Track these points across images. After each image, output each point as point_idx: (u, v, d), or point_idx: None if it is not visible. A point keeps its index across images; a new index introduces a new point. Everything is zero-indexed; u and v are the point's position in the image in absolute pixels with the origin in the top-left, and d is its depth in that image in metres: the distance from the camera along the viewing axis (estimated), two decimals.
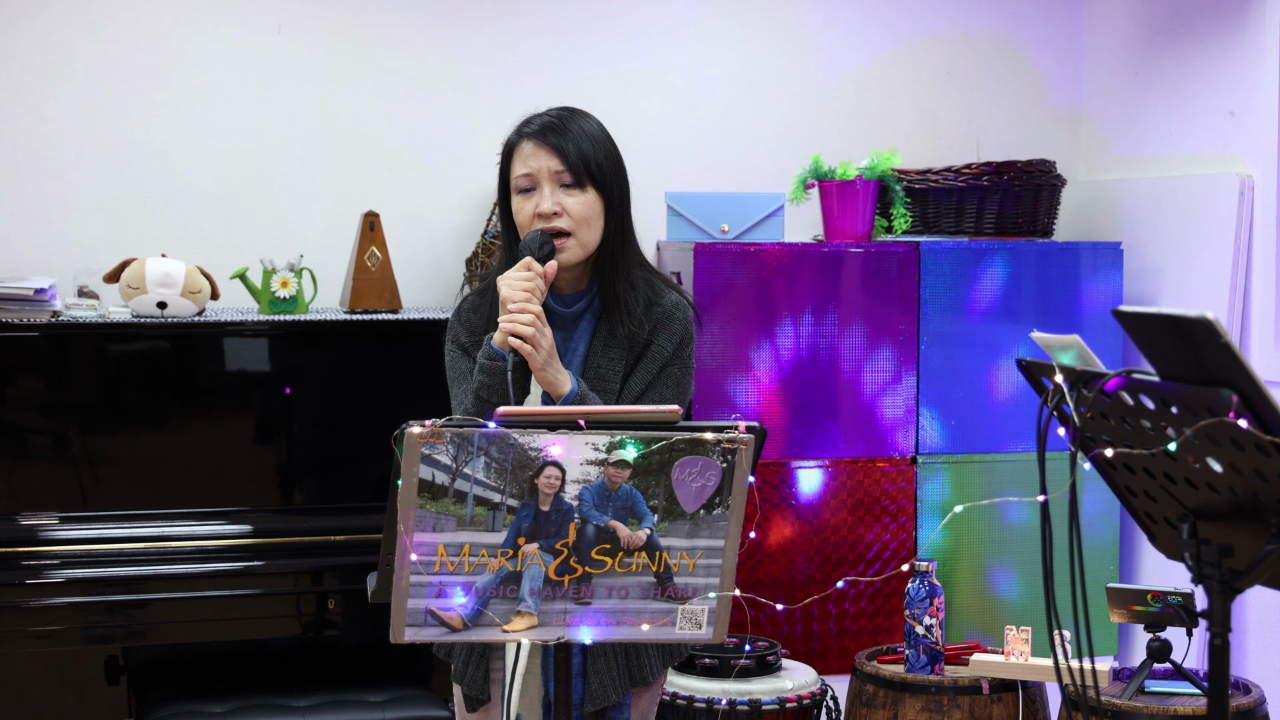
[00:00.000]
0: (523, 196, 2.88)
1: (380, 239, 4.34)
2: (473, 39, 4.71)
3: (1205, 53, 4.53)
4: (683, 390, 2.93)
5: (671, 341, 2.92)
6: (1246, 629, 4.28)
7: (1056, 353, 2.26)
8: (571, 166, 2.86)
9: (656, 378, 2.90)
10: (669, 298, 2.96)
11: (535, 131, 2.89)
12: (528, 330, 2.71)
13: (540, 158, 2.87)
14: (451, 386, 2.97)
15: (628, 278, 2.92)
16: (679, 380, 2.92)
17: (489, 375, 2.77)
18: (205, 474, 4.13)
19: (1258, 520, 2.09)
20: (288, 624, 4.03)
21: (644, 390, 2.89)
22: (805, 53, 4.95)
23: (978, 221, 4.56)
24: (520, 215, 2.88)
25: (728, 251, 4.35)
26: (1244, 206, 4.34)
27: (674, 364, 2.92)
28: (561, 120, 2.90)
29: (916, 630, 3.89)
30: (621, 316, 2.89)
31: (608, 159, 2.91)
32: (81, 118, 4.45)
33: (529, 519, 2.28)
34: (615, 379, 2.89)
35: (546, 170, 2.86)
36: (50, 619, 3.88)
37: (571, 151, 2.86)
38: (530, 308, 2.73)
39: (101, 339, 4.09)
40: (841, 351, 4.41)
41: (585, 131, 2.90)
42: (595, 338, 2.91)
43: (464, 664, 2.93)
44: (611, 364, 2.90)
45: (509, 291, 2.75)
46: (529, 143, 2.89)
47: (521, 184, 2.88)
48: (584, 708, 2.88)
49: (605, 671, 2.88)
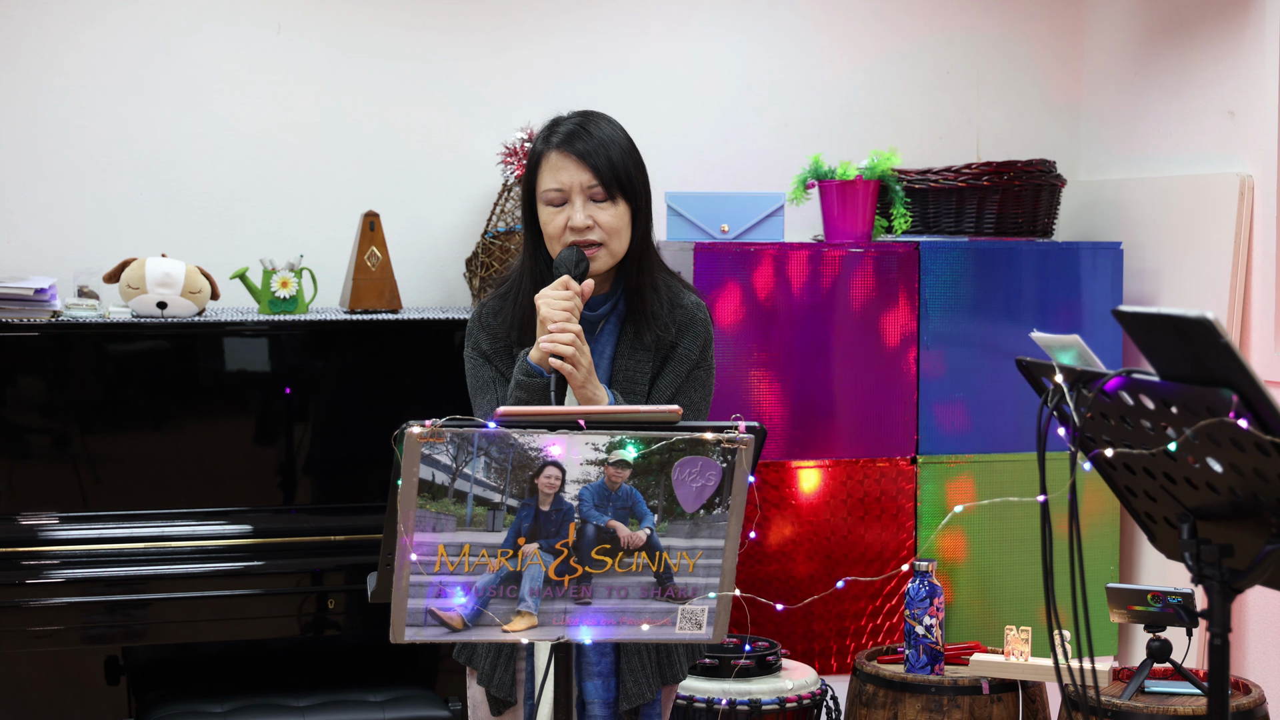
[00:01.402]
0: (553, 209, 2.89)
1: (380, 239, 4.34)
2: (473, 39, 4.71)
3: (1205, 53, 4.53)
4: (708, 392, 2.97)
5: (697, 344, 2.95)
6: (1246, 629, 4.28)
7: (1056, 353, 2.26)
8: (603, 180, 2.87)
9: (686, 381, 2.93)
10: (689, 299, 2.99)
11: (563, 141, 2.89)
12: (569, 350, 2.73)
13: (570, 170, 2.87)
14: (474, 395, 2.98)
15: (652, 282, 2.95)
16: (704, 383, 2.97)
17: (527, 392, 2.79)
18: (205, 474, 4.13)
19: (1258, 520, 2.09)
20: (288, 624, 4.03)
21: (674, 394, 2.92)
22: (805, 53, 4.95)
23: (978, 221, 4.56)
24: (550, 227, 2.89)
25: (728, 251, 4.35)
26: (1244, 206, 4.34)
27: (700, 367, 2.96)
28: (586, 128, 2.91)
29: (916, 630, 3.89)
30: (648, 321, 2.92)
31: (635, 166, 2.93)
32: (82, 118, 4.45)
33: (529, 519, 2.28)
34: (644, 381, 2.92)
35: (578, 184, 2.87)
36: (50, 619, 3.88)
37: (603, 165, 2.87)
38: (570, 327, 2.74)
39: (101, 339, 4.09)
40: (841, 351, 4.41)
41: (612, 139, 2.91)
42: (621, 341, 2.94)
43: (490, 667, 2.93)
44: (639, 366, 2.92)
45: (549, 311, 2.76)
46: (557, 154, 2.89)
47: (551, 197, 2.89)
48: (619, 706, 2.89)
49: (640, 670, 2.89)
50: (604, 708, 2.88)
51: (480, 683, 2.96)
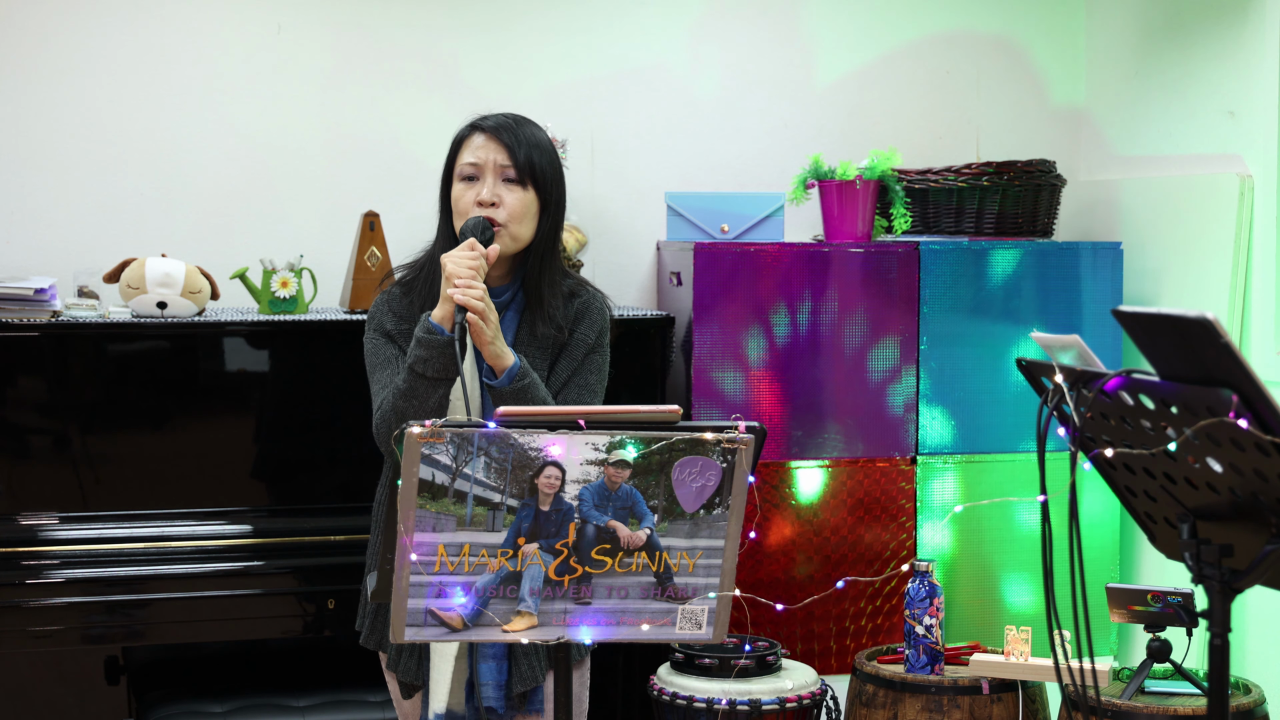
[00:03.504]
0: (465, 184, 3.05)
1: (380, 239, 4.34)
2: (473, 39, 4.71)
3: (1205, 53, 4.53)
4: (603, 376, 3.10)
5: (594, 330, 3.08)
6: (1246, 629, 4.28)
7: (1056, 353, 2.26)
8: (517, 163, 3.02)
9: (581, 364, 3.06)
10: (589, 290, 3.13)
11: (490, 127, 3.06)
12: (479, 305, 2.82)
13: (489, 150, 3.04)
14: (373, 373, 3.07)
15: (551, 279, 3.06)
16: (600, 367, 3.09)
17: (427, 349, 2.86)
18: (205, 474, 4.13)
19: (1258, 520, 2.09)
20: (288, 624, 4.03)
21: (570, 376, 3.04)
22: (805, 53, 4.95)
23: (978, 221, 4.56)
24: (460, 202, 3.04)
25: (728, 251, 4.35)
26: (1244, 206, 4.34)
27: (596, 351, 3.08)
28: (516, 123, 3.08)
29: (916, 630, 3.89)
30: (543, 316, 3.04)
31: (551, 168, 3.08)
32: (81, 118, 4.45)
33: (529, 519, 2.28)
34: (542, 369, 3.03)
35: (493, 163, 3.03)
36: (50, 619, 3.88)
37: (519, 150, 3.02)
38: (477, 283, 2.85)
39: (101, 339, 4.09)
40: (841, 351, 4.41)
41: (535, 139, 3.08)
42: (520, 330, 3.05)
43: (397, 652, 3.04)
44: (537, 355, 3.03)
45: (455, 267, 2.86)
46: (481, 135, 3.06)
47: (466, 171, 3.05)
48: (511, 689, 2.99)
49: (532, 653, 2.98)
50: (496, 689, 2.97)
51: (388, 668, 3.08)
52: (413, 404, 2.87)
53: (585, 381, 3.05)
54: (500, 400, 2.87)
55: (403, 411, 2.87)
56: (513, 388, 2.88)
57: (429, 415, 2.85)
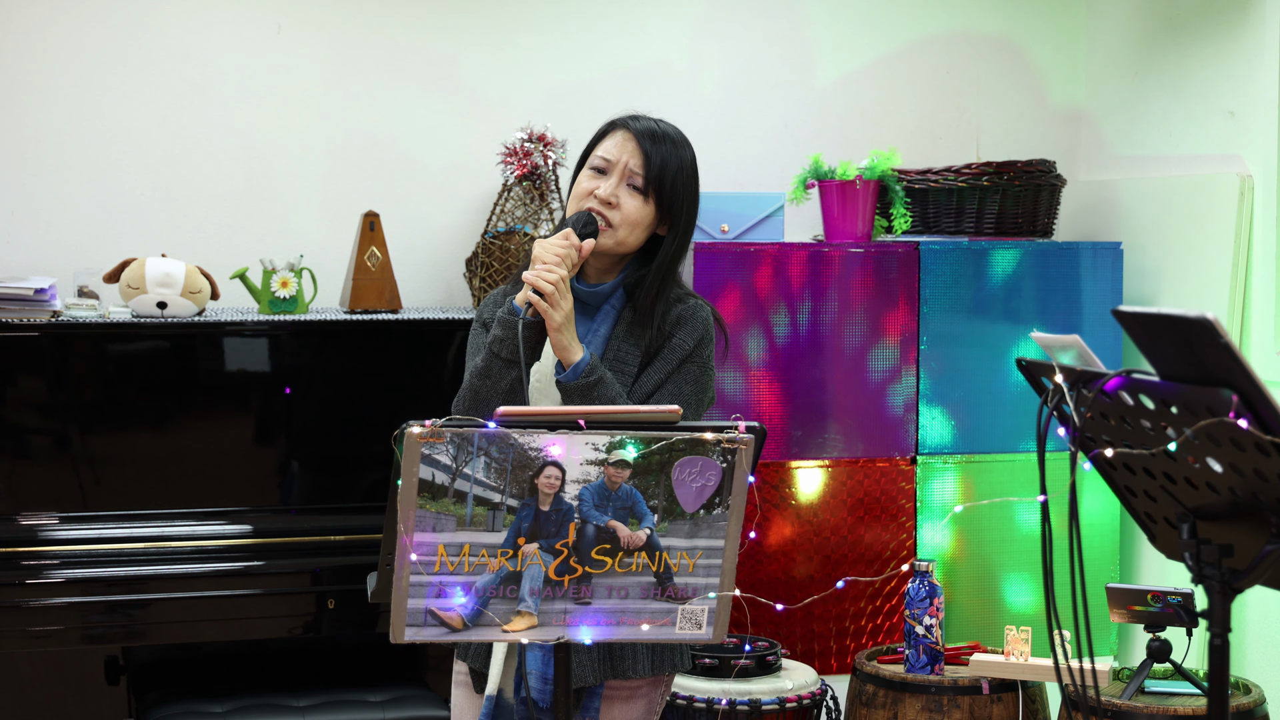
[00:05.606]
0: (592, 174, 2.94)
1: (380, 239, 4.34)
2: (473, 39, 4.71)
3: (1205, 53, 4.53)
4: (701, 390, 2.93)
5: (692, 337, 2.92)
6: (1246, 629, 4.28)
7: (1056, 353, 2.26)
8: (648, 174, 2.92)
9: (675, 371, 2.90)
10: (692, 300, 2.99)
11: (638, 129, 2.95)
12: (548, 288, 2.75)
13: (626, 151, 2.93)
14: (468, 360, 2.98)
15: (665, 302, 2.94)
16: (698, 379, 2.92)
17: (504, 329, 2.80)
18: (205, 474, 4.13)
19: (1258, 520, 2.09)
20: (288, 624, 4.04)
21: (663, 382, 2.89)
22: (805, 53, 4.95)
23: (978, 221, 4.56)
24: (578, 189, 2.94)
25: (728, 251, 4.35)
26: (1244, 206, 4.34)
27: (693, 360, 2.92)
28: (664, 136, 2.97)
29: (916, 630, 3.89)
30: (647, 317, 2.91)
31: (685, 191, 2.99)
32: (81, 118, 4.45)
33: (529, 519, 2.28)
34: (633, 364, 2.90)
35: (624, 164, 2.92)
36: (50, 619, 3.88)
37: (655, 162, 2.93)
38: (558, 269, 2.77)
39: (101, 339, 4.09)
40: (841, 351, 4.41)
41: (678, 159, 2.98)
42: (619, 323, 2.93)
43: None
44: (630, 350, 2.91)
45: (541, 251, 2.80)
46: (625, 134, 2.95)
47: (598, 163, 2.95)
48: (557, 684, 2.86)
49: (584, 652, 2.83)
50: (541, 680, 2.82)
51: (459, 657, 2.96)
52: (487, 383, 2.82)
53: (679, 390, 2.89)
54: (568, 397, 2.78)
55: (477, 390, 2.81)
56: (578, 384, 2.78)
57: (502, 397, 2.80)
